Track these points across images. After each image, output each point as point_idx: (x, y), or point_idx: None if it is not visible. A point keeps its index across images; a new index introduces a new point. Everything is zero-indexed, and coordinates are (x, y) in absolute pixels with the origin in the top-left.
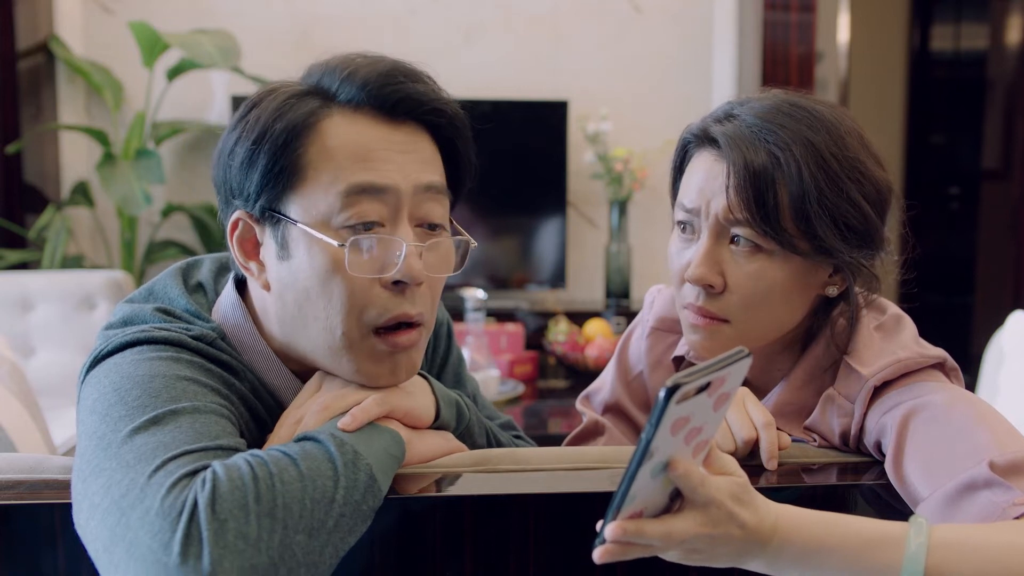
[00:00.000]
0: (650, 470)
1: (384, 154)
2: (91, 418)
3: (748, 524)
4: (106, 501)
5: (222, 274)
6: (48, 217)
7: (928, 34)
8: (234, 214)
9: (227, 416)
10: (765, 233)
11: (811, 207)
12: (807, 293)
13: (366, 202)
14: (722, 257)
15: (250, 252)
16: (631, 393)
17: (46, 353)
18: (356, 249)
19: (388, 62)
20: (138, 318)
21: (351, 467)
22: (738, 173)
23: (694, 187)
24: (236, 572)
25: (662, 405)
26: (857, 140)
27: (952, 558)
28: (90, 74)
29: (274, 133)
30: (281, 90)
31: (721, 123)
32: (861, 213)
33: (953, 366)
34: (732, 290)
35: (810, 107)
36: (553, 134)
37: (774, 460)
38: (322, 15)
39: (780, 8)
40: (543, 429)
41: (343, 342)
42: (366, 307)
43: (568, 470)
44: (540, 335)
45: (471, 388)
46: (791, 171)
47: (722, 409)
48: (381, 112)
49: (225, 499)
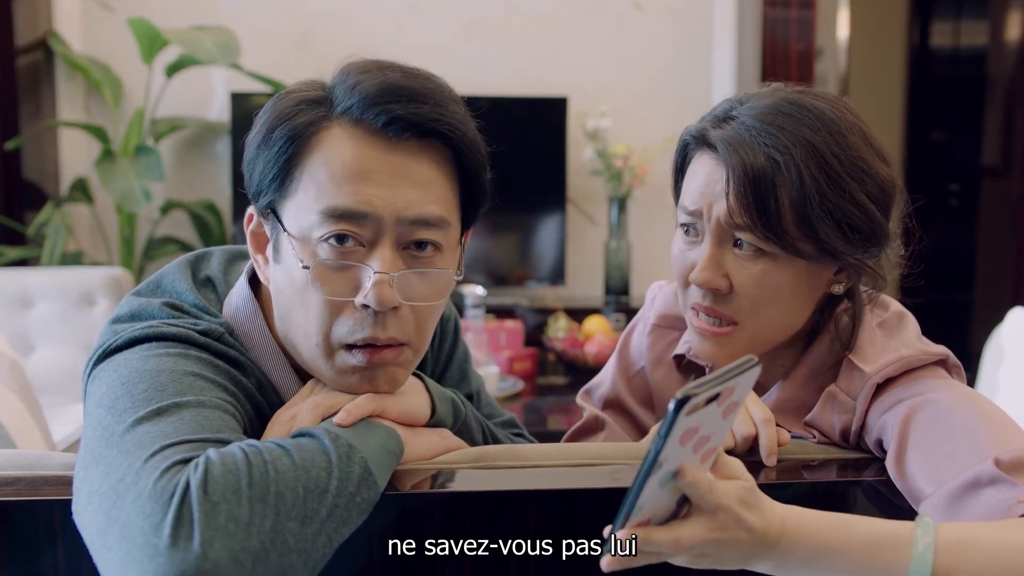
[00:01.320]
0: (659, 480)
1: (374, 176)
2: (98, 410)
3: (756, 527)
4: (103, 487)
5: (232, 265)
6: (47, 214)
7: (928, 30)
8: (250, 207)
9: (231, 412)
10: (767, 238)
11: (813, 210)
12: (813, 292)
13: (345, 223)
14: (726, 260)
15: (260, 245)
16: (632, 389)
17: (45, 350)
18: (321, 272)
19: (392, 77)
20: (146, 313)
21: (345, 460)
22: (737, 179)
23: (695, 190)
24: (226, 554)
25: (672, 417)
26: (859, 136)
27: (959, 557)
28: (89, 71)
29: (278, 137)
30: (296, 93)
31: (720, 126)
32: (865, 212)
33: (955, 363)
34: (738, 293)
35: (811, 105)
36: (553, 131)
37: (773, 456)
38: (322, 12)
39: (780, 4)
40: (542, 426)
41: (318, 351)
42: (335, 324)
43: (567, 466)
44: (540, 332)
45: (476, 384)
46: (791, 175)
47: (731, 417)
48: (379, 129)
49: (218, 482)
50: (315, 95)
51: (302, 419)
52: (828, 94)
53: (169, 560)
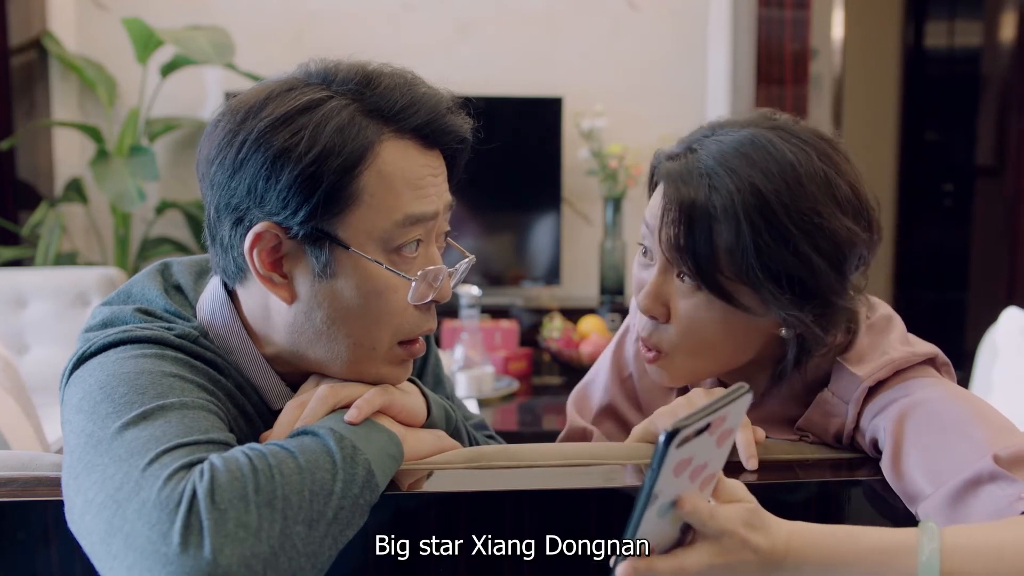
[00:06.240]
0: (656, 511)
1: (428, 180)
2: (78, 417)
3: (762, 548)
4: (100, 496)
5: (202, 277)
6: (42, 214)
7: (922, 31)
8: (258, 225)
9: (215, 412)
10: (698, 276)
11: (747, 259)
12: (752, 333)
13: (419, 228)
14: (669, 289)
15: (273, 263)
16: (626, 392)
17: (40, 350)
18: (422, 281)
19: (441, 94)
20: (119, 319)
21: (349, 461)
22: (673, 216)
23: (650, 214)
24: (237, 560)
25: (662, 451)
26: (820, 185)
27: (964, 561)
28: (83, 70)
29: (335, 155)
30: (332, 105)
31: (676, 158)
32: (810, 267)
33: (944, 361)
34: (673, 322)
35: (774, 148)
36: (548, 130)
37: (754, 460)
38: (316, 10)
39: (774, 5)
40: (537, 426)
41: (371, 354)
42: (401, 324)
43: (562, 466)
44: (535, 332)
45: (449, 388)
46: (729, 220)
47: (726, 444)
48: (427, 140)
49: (224, 489)
50: (355, 109)
51: (312, 405)
52: (805, 131)
53: (180, 568)
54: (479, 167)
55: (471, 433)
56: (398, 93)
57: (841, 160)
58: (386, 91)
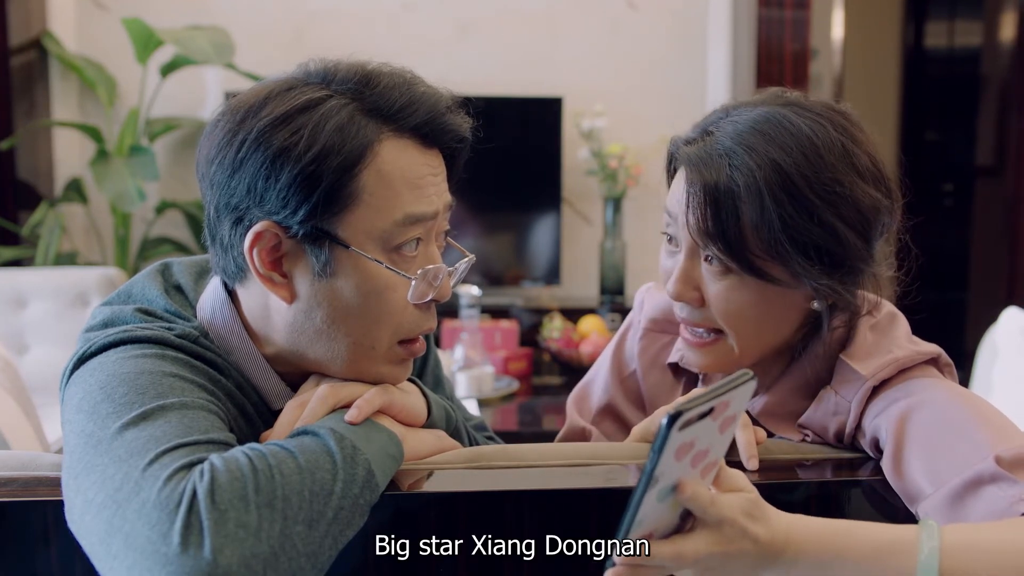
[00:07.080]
0: (656, 495)
1: (427, 179)
2: (78, 416)
3: (761, 538)
4: (100, 496)
5: (202, 277)
6: (41, 214)
7: (922, 31)
8: (257, 225)
9: (215, 411)
10: (728, 256)
11: (775, 234)
12: (788, 310)
13: (420, 227)
14: (698, 274)
15: (273, 263)
16: (626, 391)
17: (40, 350)
18: (422, 280)
19: (441, 93)
20: (119, 319)
21: (349, 461)
22: (698, 199)
23: (673, 201)
24: (238, 560)
25: (664, 433)
26: (839, 156)
27: (964, 560)
28: (83, 70)
29: (334, 154)
30: (332, 104)
31: (694, 142)
32: (836, 237)
33: (947, 362)
34: (709, 306)
35: (790, 122)
36: (548, 131)
37: (754, 460)
38: (316, 10)
39: (774, 5)
40: (538, 426)
41: (371, 353)
42: (401, 324)
43: (562, 466)
44: (535, 332)
45: (449, 389)
46: (753, 198)
47: (729, 431)
48: (426, 140)
49: (224, 489)
50: (354, 108)
51: (312, 405)
52: (818, 105)
53: (180, 568)
54: (479, 167)
55: (471, 433)
56: (397, 92)
57: (856, 130)
58: (385, 90)
